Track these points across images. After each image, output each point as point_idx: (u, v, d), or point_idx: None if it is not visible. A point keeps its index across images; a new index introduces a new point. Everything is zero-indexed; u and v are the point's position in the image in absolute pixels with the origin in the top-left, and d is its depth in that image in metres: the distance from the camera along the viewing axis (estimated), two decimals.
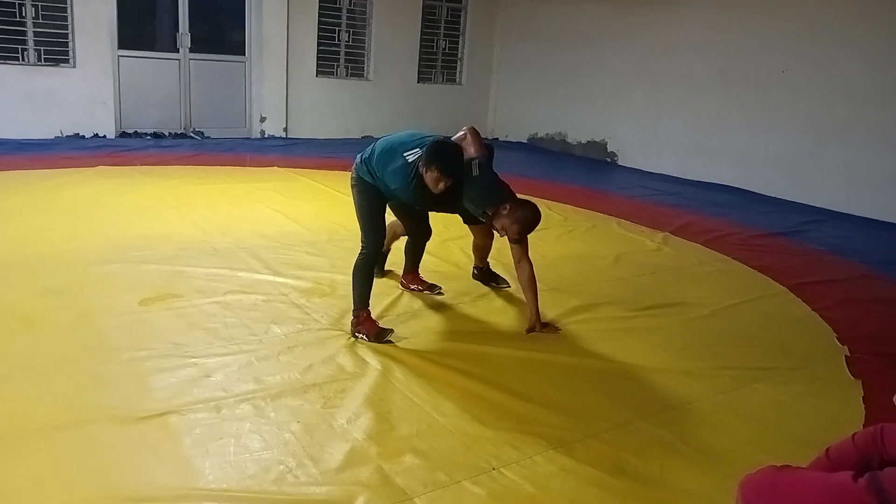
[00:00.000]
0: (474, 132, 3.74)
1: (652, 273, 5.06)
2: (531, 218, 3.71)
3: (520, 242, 3.78)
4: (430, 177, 3.34)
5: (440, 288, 4.21)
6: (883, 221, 7.10)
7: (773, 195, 8.07)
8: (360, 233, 3.67)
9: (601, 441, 2.75)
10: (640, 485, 2.48)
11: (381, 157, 3.54)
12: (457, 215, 4.05)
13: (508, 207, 3.66)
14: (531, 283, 3.79)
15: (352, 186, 3.71)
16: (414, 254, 4.18)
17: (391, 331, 3.54)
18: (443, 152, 3.37)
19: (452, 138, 3.73)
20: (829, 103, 7.61)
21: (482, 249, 4.37)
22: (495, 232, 3.83)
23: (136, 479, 2.32)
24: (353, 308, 3.55)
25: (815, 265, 5.48)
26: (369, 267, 3.61)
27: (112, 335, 3.37)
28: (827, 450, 1.84)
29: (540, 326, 3.76)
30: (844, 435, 1.86)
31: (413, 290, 4.19)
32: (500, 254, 4.55)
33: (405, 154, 3.46)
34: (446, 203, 3.73)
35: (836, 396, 3.30)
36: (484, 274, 4.45)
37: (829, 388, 3.39)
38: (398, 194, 3.53)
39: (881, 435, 1.75)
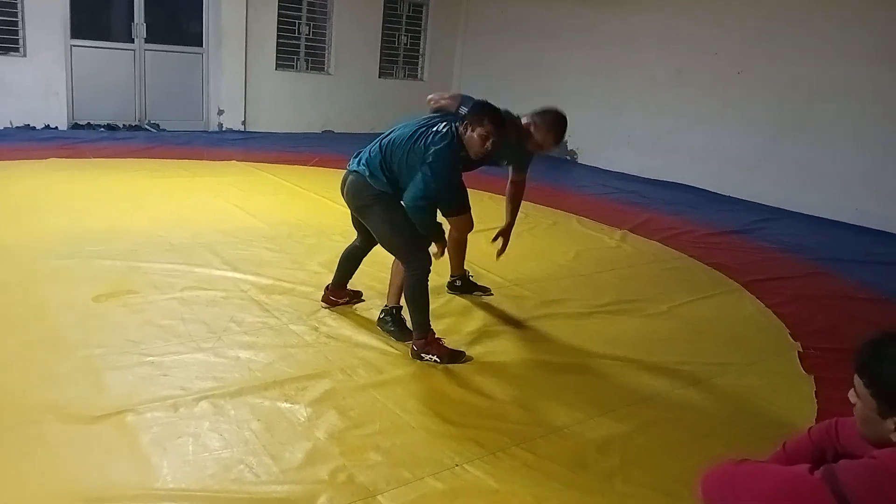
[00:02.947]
0: (440, 93, 3.72)
1: (611, 270, 5.12)
2: (559, 117, 3.57)
3: (523, 172, 3.88)
4: (478, 134, 3.12)
5: (361, 294, 3.91)
6: (832, 220, 7.30)
7: (727, 194, 8.24)
8: (394, 252, 3.37)
9: (562, 436, 2.77)
10: (600, 479, 2.51)
11: (403, 148, 3.21)
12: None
13: (534, 121, 3.54)
14: (518, 200, 3.93)
15: (364, 207, 3.32)
16: (352, 263, 3.76)
17: (464, 353, 3.36)
18: (488, 106, 3.20)
19: (431, 109, 3.64)
20: (781, 104, 7.80)
21: (460, 247, 4.15)
22: (532, 152, 3.72)
23: (91, 479, 2.26)
24: (415, 332, 3.32)
25: (767, 262, 5.61)
26: (425, 286, 3.30)
27: (65, 332, 3.28)
28: (784, 444, 1.88)
29: (505, 241, 3.94)
30: (799, 428, 1.91)
31: (341, 303, 3.81)
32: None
33: (434, 129, 3.21)
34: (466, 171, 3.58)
35: (790, 391, 3.38)
36: (466, 283, 4.25)
37: (783, 382, 3.47)
38: (434, 174, 3.10)
39: (835, 428, 1.80)
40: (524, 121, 3.62)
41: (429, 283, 3.33)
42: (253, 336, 3.40)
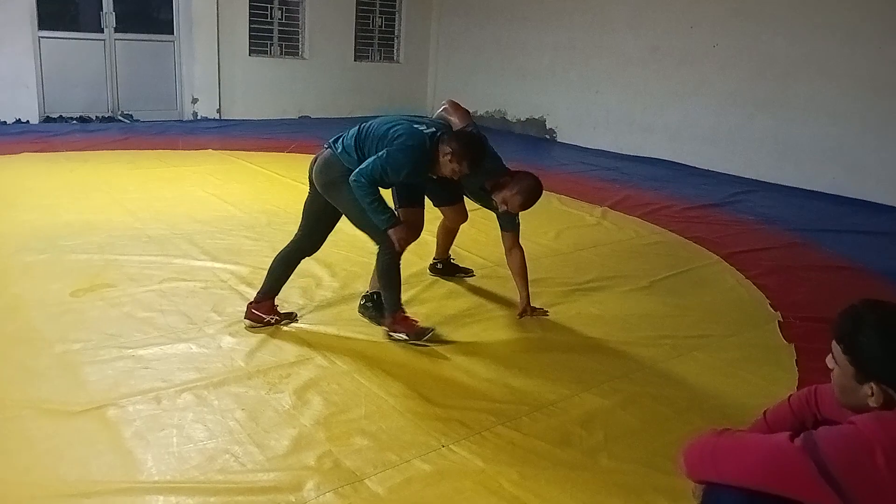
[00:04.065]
0: (455, 104, 3.66)
1: (592, 247, 5.13)
2: (535, 188, 3.49)
3: (511, 229, 3.67)
4: (448, 160, 3.11)
5: (295, 316, 3.52)
6: (809, 190, 7.36)
7: (705, 168, 8.28)
8: (364, 234, 3.30)
9: (547, 414, 2.79)
10: (586, 455, 2.53)
11: (378, 131, 3.18)
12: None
13: (510, 179, 3.50)
14: (523, 270, 3.72)
15: (331, 184, 3.21)
16: (287, 269, 3.45)
17: (432, 329, 3.32)
18: (475, 150, 3.17)
19: (434, 115, 3.63)
20: (756, 77, 7.83)
21: (450, 234, 4.16)
22: (496, 206, 3.56)
23: (73, 473, 2.24)
24: (386, 311, 3.33)
25: (746, 234, 5.65)
26: (397, 264, 3.30)
27: (42, 327, 3.24)
28: (764, 413, 1.90)
29: (531, 311, 3.73)
30: (781, 398, 1.93)
31: (268, 323, 3.36)
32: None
33: (416, 126, 3.18)
34: (441, 187, 3.58)
35: (771, 361, 3.41)
36: (448, 266, 4.25)
37: (764, 353, 3.51)
38: (388, 158, 3.05)
39: (814, 396, 1.82)
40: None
41: (401, 265, 3.31)
42: (234, 325, 3.38)
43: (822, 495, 1.44)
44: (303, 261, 3.42)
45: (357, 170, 3.08)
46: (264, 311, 3.38)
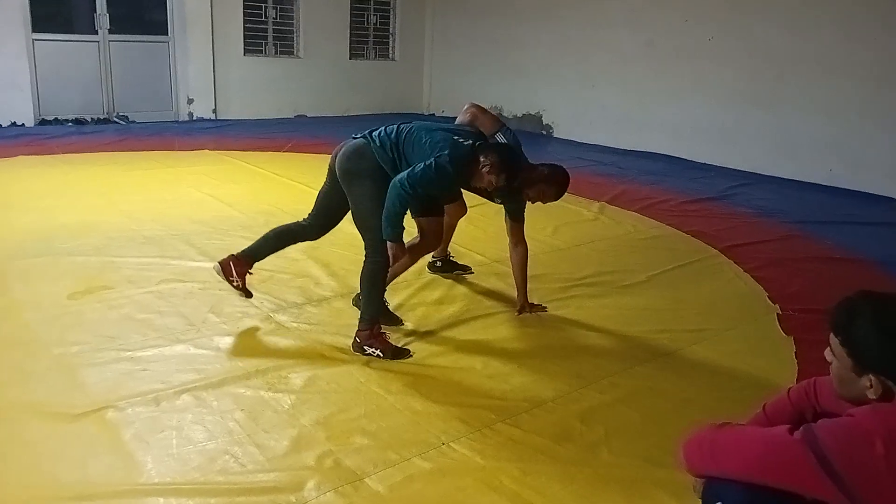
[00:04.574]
0: (481, 108, 3.64)
1: (590, 242, 5.13)
2: (566, 179, 3.53)
3: (520, 221, 3.70)
4: (487, 177, 3.07)
5: (251, 294, 3.53)
6: (806, 182, 7.36)
7: (703, 161, 8.28)
8: (361, 236, 3.18)
9: (547, 410, 2.78)
10: (586, 450, 2.53)
11: (419, 138, 3.10)
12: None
13: (543, 172, 3.48)
14: (525, 267, 3.73)
15: (355, 174, 3.11)
16: (280, 242, 3.47)
17: (408, 351, 3.18)
18: (514, 157, 3.17)
19: (458, 120, 3.58)
20: (752, 70, 7.82)
21: (449, 230, 4.10)
22: (525, 200, 3.58)
23: (72, 477, 2.23)
24: (360, 321, 3.16)
25: (744, 227, 5.65)
26: (384, 275, 3.20)
27: (40, 330, 3.23)
28: (764, 406, 1.90)
29: (529, 307, 3.73)
30: (779, 391, 1.93)
31: (231, 281, 3.42)
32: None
33: (457, 137, 3.11)
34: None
35: (770, 354, 3.42)
36: (446, 263, 4.23)
37: (763, 345, 3.51)
38: (437, 169, 2.97)
39: (813, 388, 1.82)
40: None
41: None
42: (233, 326, 3.37)
43: (822, 488, 1.44)
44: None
45: (403, 176, 2.97)
46: (237, 270, 3.38)
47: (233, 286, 3.42)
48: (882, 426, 1.43)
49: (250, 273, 3.45)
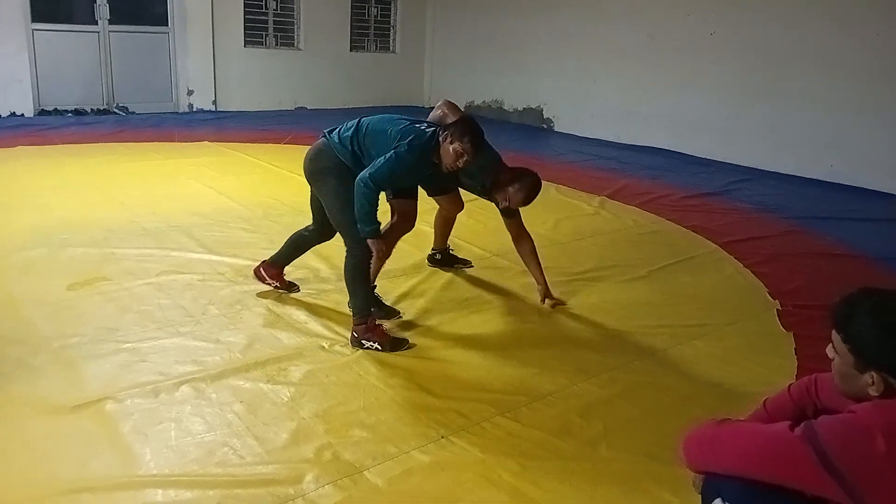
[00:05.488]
0: (452, 105, 3.63)
1: (590, 237, 5.12)
2: (536, 185, 3.54)
3: (514, 216, 3.71)
4: (453, 149, 3.03)
5: (297, 287, 3.72)
6: (806, 178, 7.35)
7: (703, 156, 8.26)
8: (339, 229, 3.23)
9: (546, 404, 2.78)
10: (585, 445, 2.53)
11: (379, 129, 3.13)
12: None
13: (511, 177, 3.51)
14: (535, 256, 3.75)
15: (319, 173, 3.19)
16: (297, 250, 3.65)
17: (406, 341, 3.20)
18: (475, 128, 3.10)
19: (429, 117, 3.58)
20: (753, 65, 7.80)
21: (447, 224, 4.14)
22: (498, 202, 3.61)
23: (71, 470, 2.23)
24: (353, 315, 3.19)
25: (744, 223, 5.64)
26: (365, 269, 3.21)
27: (39, 323, 3.22)
28: (764, 402, 1.89)
29: (552, 298, 3.74)
30: (780, 387, 1.92)
31: (269, 284, 3.65)
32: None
33: (417, 125, 3.13)
34: (436, 180, 3.57)
35: (770, 349, 3.41)
36: (446, 257, 4.23)
37: (763, 341, 3.51)
38: (398, 160, 3.00)
39: (814, 384, 1.81)
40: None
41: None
42: (232, 318, 3.37)
43: (823, 484, 1.44)
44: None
45: (365, 174, 2.99)
46: (269, 275, 3.65)
47: (276, 289, 3.67)
48: (883, 423, 1.43)
49: (283, 275, 3.69)
